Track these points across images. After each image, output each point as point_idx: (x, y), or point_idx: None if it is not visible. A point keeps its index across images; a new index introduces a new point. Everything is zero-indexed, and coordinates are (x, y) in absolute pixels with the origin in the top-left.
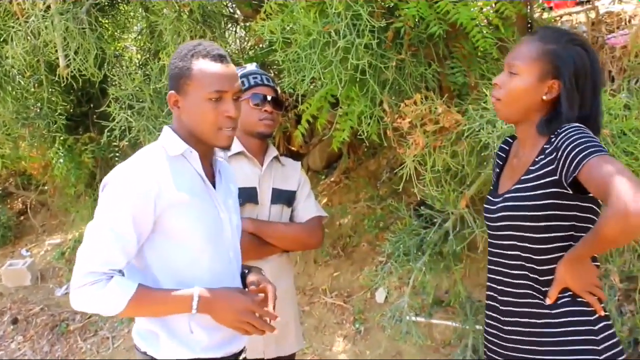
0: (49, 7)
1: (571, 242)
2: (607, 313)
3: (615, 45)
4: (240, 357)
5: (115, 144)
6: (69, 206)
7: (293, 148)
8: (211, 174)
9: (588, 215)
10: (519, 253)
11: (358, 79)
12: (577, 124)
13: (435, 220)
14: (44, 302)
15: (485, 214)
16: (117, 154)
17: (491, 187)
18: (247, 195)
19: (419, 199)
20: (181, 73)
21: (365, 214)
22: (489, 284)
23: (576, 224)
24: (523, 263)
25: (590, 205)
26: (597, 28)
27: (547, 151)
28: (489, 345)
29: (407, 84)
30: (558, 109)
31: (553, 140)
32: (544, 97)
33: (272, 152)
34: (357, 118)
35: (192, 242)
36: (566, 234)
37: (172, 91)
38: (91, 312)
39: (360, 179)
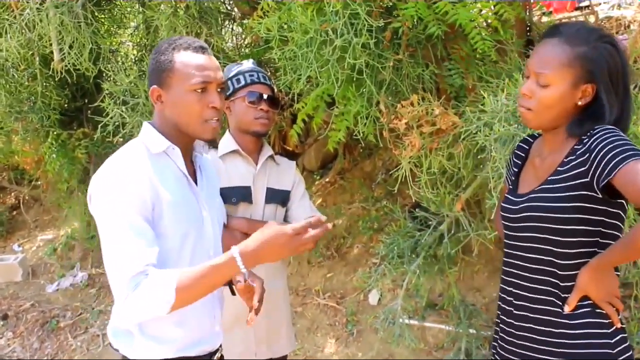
0: (44, 0)
1: (595, 249)
2: (623, 325)
3: None
4: (215, 357)
5: (109, 139)
6: (62, 202)
7: (288, 147)
8: (192, 171)
9: (615, 222)
10: (540, 256)
11: (355, 79)
12: (611, 126)
13: (430, 222)
14: (34, 298)
15: (504, 214)
16: (111, 150)
17: (509, 187)
18: (241, 195)
19: (414, 201)
20: (163, 67)
21: (359, 215)
22: (503, 286)
23: (602, 229)
24: (544, 267)
25: (617, 211)
26: None
27: (578, 152)
28: (499, 349)
29: (404, 85)
30: (590, 111)
31: (586, 141)
32: (579, 103)
33: (267, 151)
34: (353, 118)
35: (173, 241)
36: (591, 239)
37: (155, 85)
38: (146, 318)
39: (355, 180)
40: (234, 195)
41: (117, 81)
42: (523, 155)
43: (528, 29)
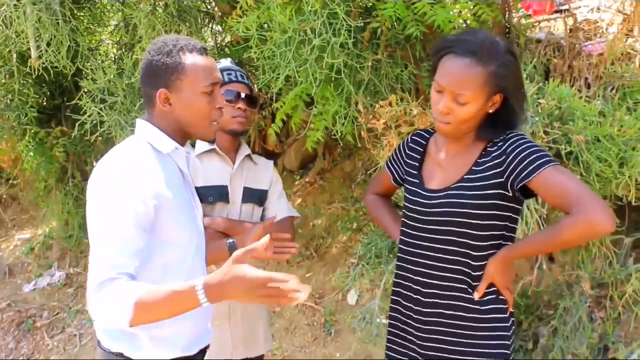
0: None
1: (501, 241)
2: (513, 311)
3: (592, 52)
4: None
5: (87, 138)
6: (40, 201)
7: (268, 147)
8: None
9: (517, 217)
10: (456, 248)
11: (333, 79)
12: (522, 133)
13: None
14: (11, 298)
15: (414, 207)
16: (90, 149)
17: (412, 180)
18: (218, 194)
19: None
20: (171, 69)
21: (339, 215)
22: (407, 275)
23: (508, 224)
24: (459, 258)
25: (520, 207)
26: (575, 35)
27: (493, 154)
28: (395, 345)
29: (382, 85)
30: (499, 117)
31: (501, 145)
32: (490, 111)
33: (245, 150)
34: (331, 118)
35: (178, 240)
36: (500, 232)
37: (162, 89)
38: (107, 325)
39: (335, 180)
40: (211, 195)
41: (96, 79)
42: (420, 149)
43: (507, 30)
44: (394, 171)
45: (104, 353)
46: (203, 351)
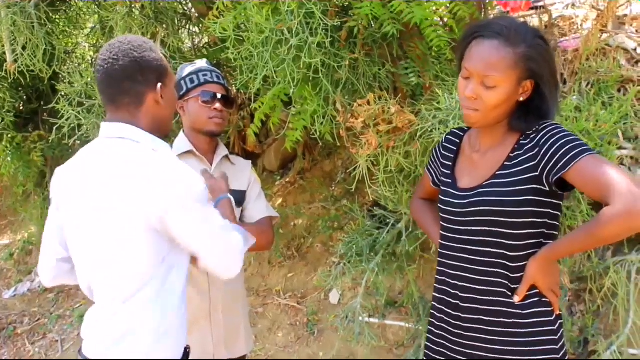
0: None
1: (542, 240)
2: (561, 312)
3: (567, 48)
4: None
5: (65, 142)
6: (18, 206)
7: (248, 148)
8: None
9: (557, 213)
10: (491, 249)
11: (311, 78)
12: (556, 123)
13: (388, 220)
14: None
15: (447, 208)
16: (68, 152)
17: (446, 180)
18: None
19: (372, 199)
20: (163, 65)
21: (320, 214)
22: (445, 279)
23: (548, 221)
24: (495, 260)
25: (559, 203)
26: (550, 31)
27: (526, 147)
28: (438, 346)
29: (360, 84)
30: (531, 106)
31: (533, 136)
32: (521, 99)
33: (222, 151)
34: (310, 117)
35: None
36: (539, 231)
37: (160, 84)
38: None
39: (315, 180)
40: None
41: (73, 83)
42: (454, 148)
43: None
44: (432, 173)
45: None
46: (186, 351)
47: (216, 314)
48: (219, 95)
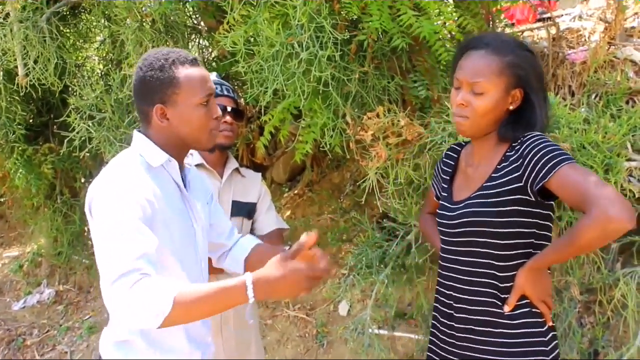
0: (8, 14)
1: (531, 250)
2: (553, 324)
3: (575, 60)
4: None
5: (75, 154)
6: (28, 218)
7: (257, 160)
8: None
9: (546, 223)
10: (480, 260)
11: (321, 91)
12: (539, 133)
13: (397, 232)
14: (0, 317)
15: (441, 221)
16: (78, 165)
17: (443, 194)
18: None
19: (381, 211)
20: (166, 84)
21: (328, 226)
22: (441, 290)
23: (536, 231)
24: (484, 270)
25: (548, 212)
26: (558, 44)
27: (511, 159)
28: (440, 350)
29: (370, 97)
30: (520, 115)
31: (517, 147)
32: (510, 107)
33: (233, 164)
34: (319, 130)
35: (165, 255)
36: (527, 241)
37: (159, 104)
38: (134, 324)
39: (323, 192)
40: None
41: (83, 96)
42: (453, 163)
43: None
44: (435, 188)
45: None
46: None
47: (227, 328)
48: (229, 108)
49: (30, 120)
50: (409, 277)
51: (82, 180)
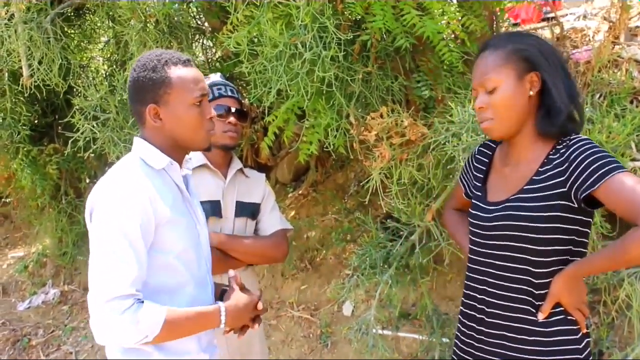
0: (12, 15)
1: (568, 257)
2: (588, 330)
3: (579, 60)
4: None
5: (80, 155)
6: (33, 218)
7: (261, 161)
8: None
9: (586, 230)
10: (516, 265)
11: (324, 92)
12: (587, 138)
13: (401, 233)
14: (5, 317)
15: (475, 221)
16: (83, 166)
17: (477, 194)
18: (211, 209)
19: (385, 211)
20: (158, 84)
21: (332, 227)
22: (471, 293)
23: (576, 238)
24: (519, 276)
25: (589, 220)
26: (562, 43)
27: (555, 162)
28: (464, 353)
29: (373, 97)
30: (547, 102)
31: (563, 151)
32: (531, 93)
33: (236, 164)
34: (323, 130)
35: (172, 257)
36: (565, 247)
37: (152, 104)
38: (122, 343)
39: (328, 192)
40: (204, 210)
41: (88, 96)
42: (486, 160)
43: None
44: (465, 184)
45: None
46: None
47: None
48: (233, 109)
49: (35, 121)
50: (413, 278)
51: (87, 180)
